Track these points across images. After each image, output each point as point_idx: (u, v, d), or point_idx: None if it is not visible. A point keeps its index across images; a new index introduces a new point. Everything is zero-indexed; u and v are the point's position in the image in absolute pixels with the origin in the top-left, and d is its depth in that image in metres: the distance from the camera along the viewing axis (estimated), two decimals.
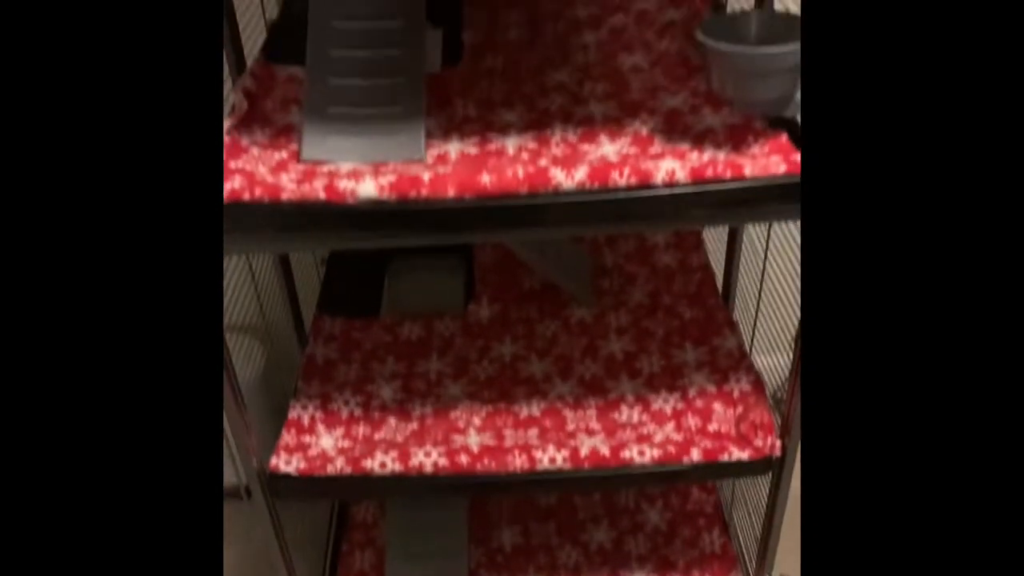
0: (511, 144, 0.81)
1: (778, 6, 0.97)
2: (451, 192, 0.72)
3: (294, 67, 0.91)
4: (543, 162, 0.76)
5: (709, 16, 0.99)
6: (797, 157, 0.72)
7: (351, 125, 0.79)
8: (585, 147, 0.80)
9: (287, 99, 0.87)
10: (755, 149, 0.74)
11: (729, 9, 1.06)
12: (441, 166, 0.77)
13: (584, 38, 1.02)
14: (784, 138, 0.75)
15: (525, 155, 0.79)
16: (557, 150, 0.80)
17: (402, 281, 1.18)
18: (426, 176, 0.72)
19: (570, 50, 0.99)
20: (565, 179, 0.72)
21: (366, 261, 1.20)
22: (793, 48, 0.67)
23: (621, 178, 0.72)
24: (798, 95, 0.72)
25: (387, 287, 1.18)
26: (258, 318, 1.15)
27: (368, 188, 0.71)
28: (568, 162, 0.74)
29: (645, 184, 0.72)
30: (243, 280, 1.09)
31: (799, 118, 0.76)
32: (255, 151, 0.78)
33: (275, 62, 0.93)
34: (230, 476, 0.82)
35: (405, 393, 1.03)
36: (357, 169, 0.76)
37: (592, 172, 0.72)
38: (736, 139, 0.76)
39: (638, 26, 1.02)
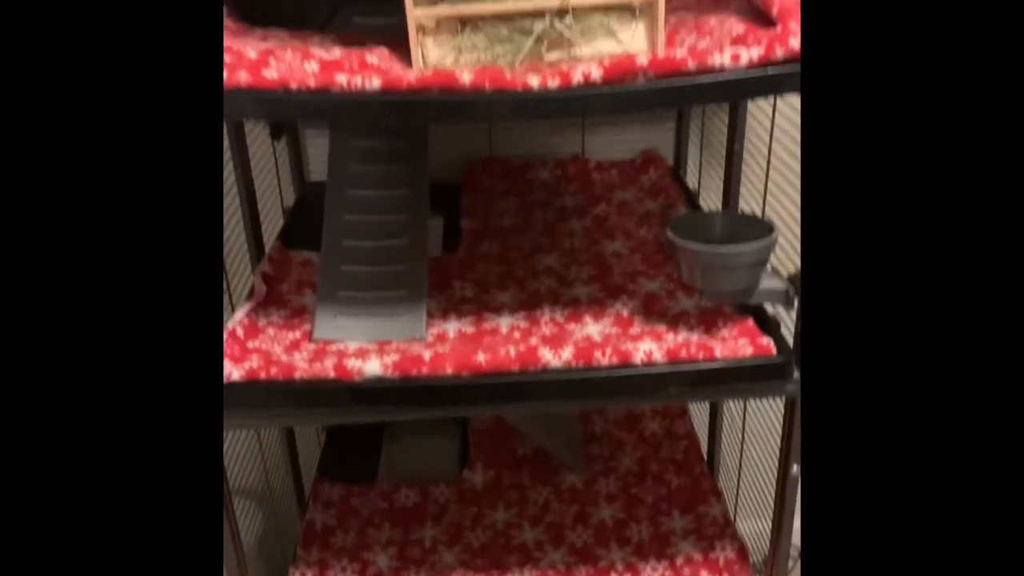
0: (504, 323, 0.89)
1: (743, 207, 1.08)
2: (449, 370, 0.78)
3: (308, 252, 1.01)
4: (533, 341, 0.84)
5: (682, 208, 1.10)
6: (763, 340, 0.80)
7: (359, 307, 0.87)
8: (571, 327, 0.88)
9: (301, 282, 0.96)
10: (724, 332, 0.82)
11: (701, 200, 1.18)
12: (440, 345, 0.84)
13: (571, 225, 1.12)
14: (750, 322, 0.83)
15: (517, 334, 0.87)
16: (546, 329, 0.88)
17: (399, 448, 1.23)
18: (427, 355, 0.79)
19: (558, 236, 1.09)
20: (553, 358, 0.79)
21: (365, 427, 1.25)
22: (755, 247, 0.77)
23: (604, 357, 0.79)
24: (763, 284, 0.80)
25: (384, 453, 1.23)
26: (261, 482, 1.18)
27: (374, 366, 0.78)
28: (556, 341, 0.82)
29: (625, 363, 0.79)
30: (251, 447, 1.13)
31: (764, 305, 0.84)
32: (271, 331, 0.86)
33: (291, 247, 1.02)
34: None
35: (400, 561, 1.05)
36: (363, 348, 0.83)
37: (577, 352, 0.79)
38: (707, 323, 0.84)
39: (619, 215, 1.14)
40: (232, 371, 0.76)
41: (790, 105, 0.81)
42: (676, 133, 1.26)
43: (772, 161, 0.93)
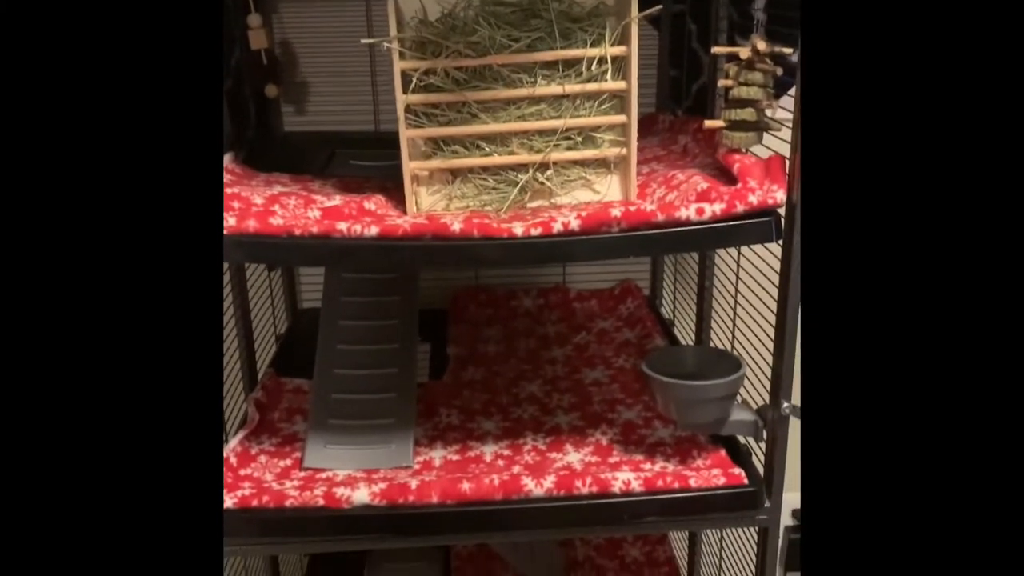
0: (488, 451, 0.93)
1: (714, 337, 1.14)
2: (435, 498, 0.81)
3: (300, 379, 1.05)
4: (516, 469, 0.87)
5: (657, 338, 1.16)
6: (735, 470, 0.84)
7: (349, 436, 0.90)
8: (553, 455, 0.91)
9: (292, 409, 1.00)
10: (699, 462, 0.86)
11: (675, 328, 1.24)
12: (427, 473, 0.87)
13: (553, 353, 1.17)
14: (723, 453, 0.87)
15: (501, 462, 0.90)
16: (528, 457, 0.91)
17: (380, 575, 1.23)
18: (413, 483, 0.82)
19: (541, 364, 1.14)
20: (535, 487, 0.82)
21: (347, 555, 1.26)
22: (725, 381, 0.82)
23: (584, 487, 0.82)
24: (733, 416, 0.85)
25: None
26: None
27: (362, 495, 0.81)
28: (538, 470, 0.85)
29: (605, 493, 0.82)
30: (236, 573, 1.13)
31: (736, 437, 0.89)
32: (263, 459, 0.89)
33: (283, 375, 1.06)
34: None
35: None
36: (352, 476, 0.86)
37: (559, 481, 0.82)
38: (682, 452, 0.88)
39: (599, 343, 1.19)
40: (226, 499, 0.79)
41: (752, 249, 0.88)
42: (652, 265, 1.33)
43: (739, 298, 0.99)
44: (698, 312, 1.13)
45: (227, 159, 0.93)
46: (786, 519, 1.46)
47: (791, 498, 1.45)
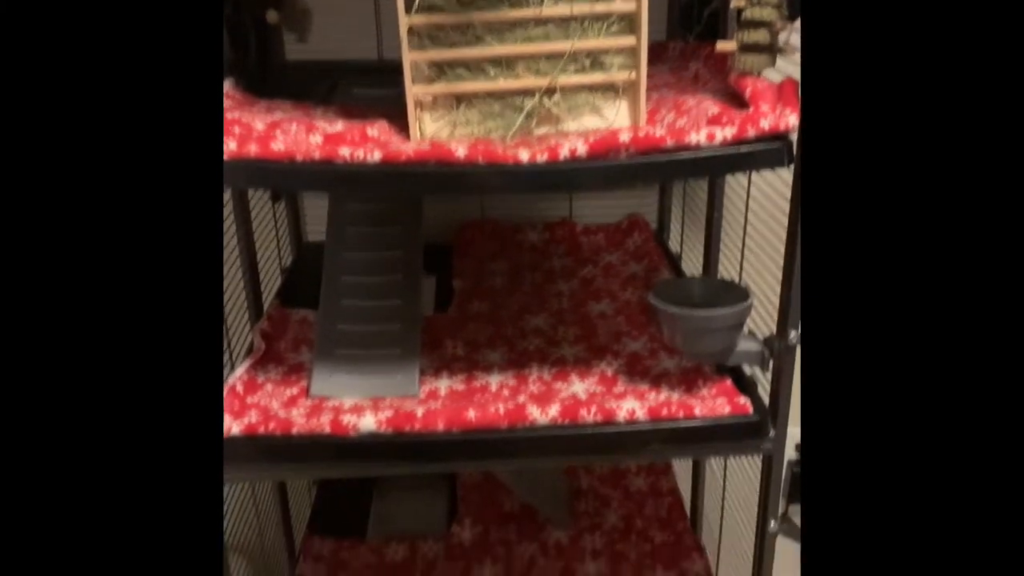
0: (494, 381, 0.93)
1: (723, 271, 1.13)
2: (441, 426, 0.82)
3: (305, 310, 1.04)
4: (521, 399, 0.87)
5: (664, 271, 1.15)
6: (740, 400, 0.84)
7: (355, 365, 0.90)
8: (558, 385, 0.91)
9: (298, 339, 1.00)
10: (704, 391, 0.86)
11: (683, 263, 1.23)
12: (432, 401, 0.88)
13: (559, 286, 1.17)
14: (728, 382, 0.87)
15: (506, 391, 0.90)
16: (534, 387, 0.91)
17: (388, 503, 1.25)
18: (419, 411, 0.82)
19: (546, 297, 1.14)
20: (540, 415, 0.83)
21: (355, 483, 1.28)
22: (731, 311, 0.81)
23: (589, 415, 0.82)
24: (740, 346, 0.85)
25: (374, 509, 1.24)
26: (255, 536, 1.20)
27: (368, 422, 0.81)
28: (543, 399, 0.86)
29: (609, 421, 0.82)
30: (245, 501, 1.15)
31: (742, 366, 0.88)
32: (269, 387, 0.89)
33: (288, 306, 1.06)
34: None
35: None
36: (358, 404, 0.86)
37: (564, 409, 0.83)
38: (688, 382, 0.88)
39: (605, 277, 1.18)
40: (232, 426, 0.80)
41: (763, 178, 0.86)
42: (659, 198, 1.31)
43: (748, 230, 0.98)
44: (706, 245, 1.12)
45: (227, 85, 0.91)
46: (790, 453, 1.48)
47: (796, 432, 1.47)
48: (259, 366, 0.93)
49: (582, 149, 0.73)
